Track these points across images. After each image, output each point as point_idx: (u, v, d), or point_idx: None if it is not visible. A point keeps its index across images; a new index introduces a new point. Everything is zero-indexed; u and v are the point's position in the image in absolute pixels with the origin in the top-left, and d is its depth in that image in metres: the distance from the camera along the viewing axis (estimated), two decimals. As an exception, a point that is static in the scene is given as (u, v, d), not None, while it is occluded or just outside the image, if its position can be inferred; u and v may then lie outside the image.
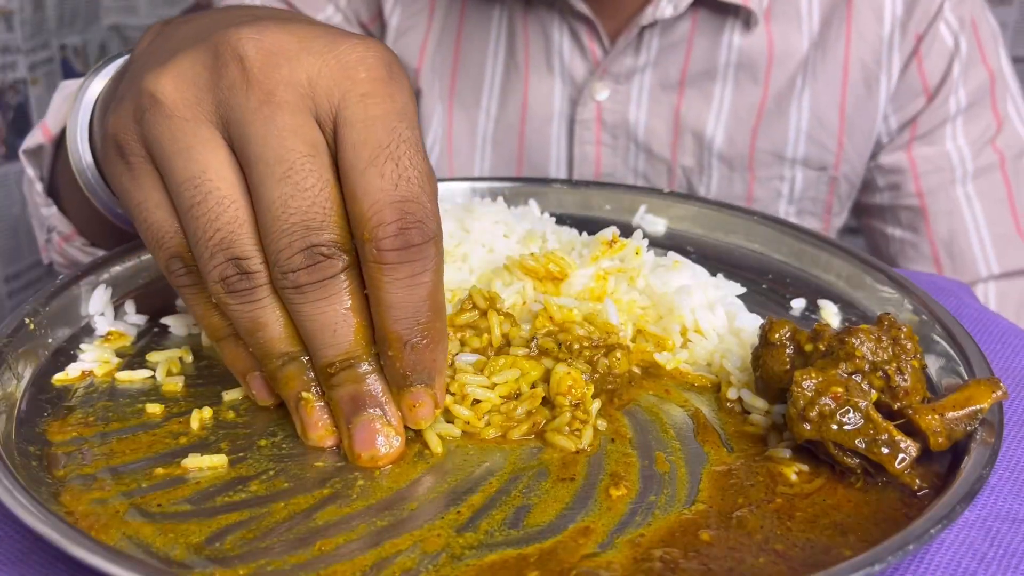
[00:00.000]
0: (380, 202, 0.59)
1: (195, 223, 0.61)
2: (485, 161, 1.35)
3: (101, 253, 0.95)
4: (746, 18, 1.26)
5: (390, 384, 0.64)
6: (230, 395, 0.70)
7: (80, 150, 0.76)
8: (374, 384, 0.63)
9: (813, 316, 0.83)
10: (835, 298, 0.84)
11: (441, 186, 0.95)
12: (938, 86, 1.29)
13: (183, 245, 0.63)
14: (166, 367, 0.73)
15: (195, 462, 0.62)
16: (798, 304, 0.84)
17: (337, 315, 0.62)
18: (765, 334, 0.67)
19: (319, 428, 0.64)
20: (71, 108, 0.76)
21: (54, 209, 1.05)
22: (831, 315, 0.82)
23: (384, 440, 0.63)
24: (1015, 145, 1.30)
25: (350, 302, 0.62)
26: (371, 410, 0.63)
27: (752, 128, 1.28)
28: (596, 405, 0.68)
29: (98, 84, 0.76)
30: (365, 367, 0.63)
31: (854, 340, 0.63)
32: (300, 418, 0.64)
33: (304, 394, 0.64)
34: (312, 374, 0.64)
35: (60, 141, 1.03)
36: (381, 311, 0.61)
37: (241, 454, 0.64)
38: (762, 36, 1.27)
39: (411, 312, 0.61)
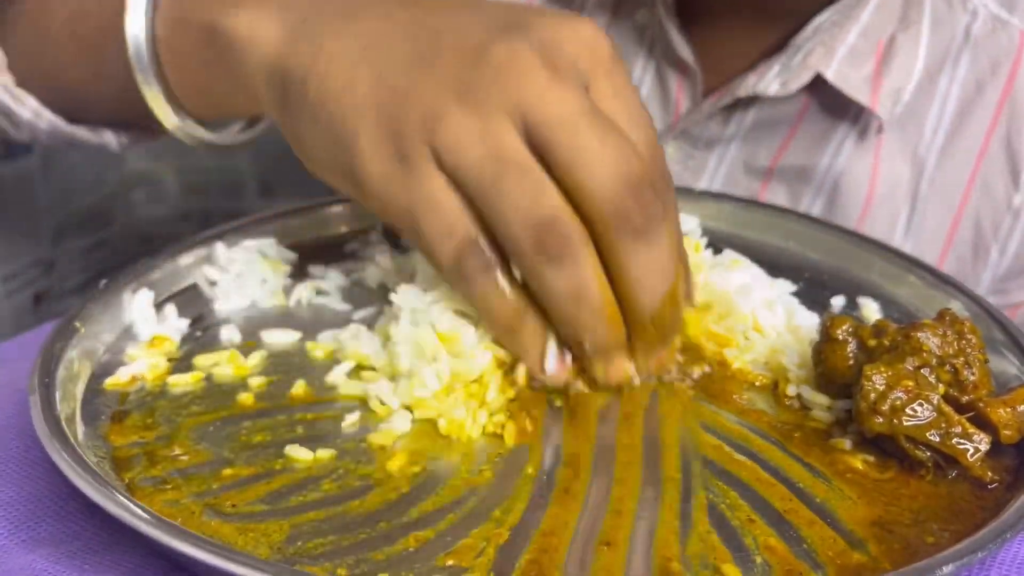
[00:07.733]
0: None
1: (500, 195, 0.61)
2: None
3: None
4: (866, 124, 1.03)
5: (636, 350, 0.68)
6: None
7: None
8: None
9: (854, 313, 0.83)
10: (875, 295, 0.84)
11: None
12: None
13: (475, 228, 0.63)
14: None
15: (263, 464, 0.62)
16: (838, 302, 0.84)
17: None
18: (826, 330, 0.68)
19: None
20: None
21: None
22: (872, 312, 0.82)
23: None
24: None
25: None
26: None
27: None
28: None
29: None
30: None
31: (920, 335, 0.63)
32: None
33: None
34: None
35: None
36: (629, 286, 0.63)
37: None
38: (867, 162, 1.04)
39: (658, 280, 0.64)
